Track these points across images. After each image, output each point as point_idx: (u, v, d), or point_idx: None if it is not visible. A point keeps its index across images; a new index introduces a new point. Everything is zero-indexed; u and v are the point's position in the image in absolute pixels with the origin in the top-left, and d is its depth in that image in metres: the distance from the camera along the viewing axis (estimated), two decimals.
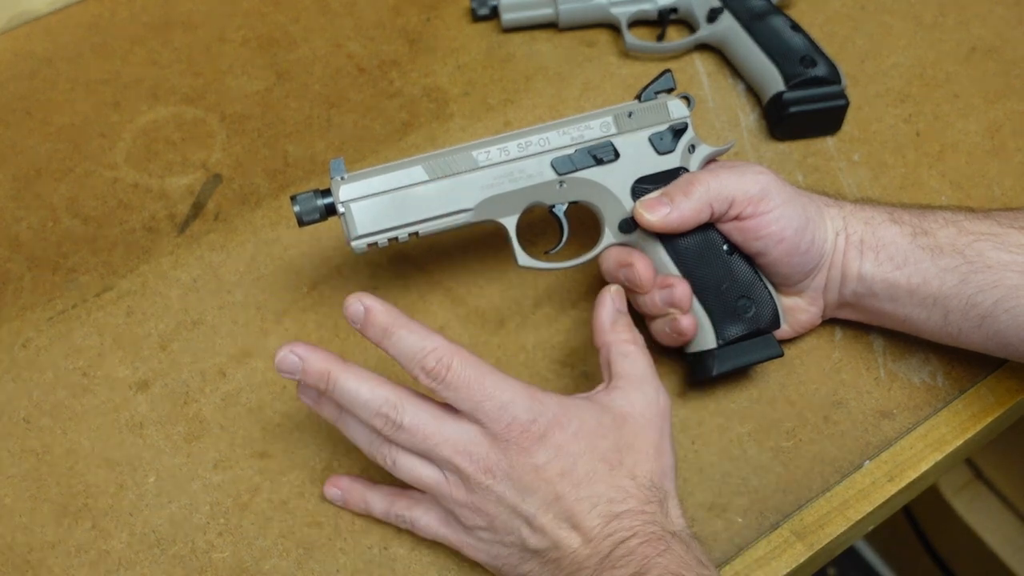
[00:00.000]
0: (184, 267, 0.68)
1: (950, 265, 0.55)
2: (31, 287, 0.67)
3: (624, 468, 0.50)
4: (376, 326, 0.50)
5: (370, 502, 0.56)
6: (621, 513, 0.48)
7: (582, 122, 0.58)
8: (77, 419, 0.61)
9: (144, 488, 0.59)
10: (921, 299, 0.56)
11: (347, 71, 0.78)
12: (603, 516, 0.48)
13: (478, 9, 0.80)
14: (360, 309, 0.50)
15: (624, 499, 0.49)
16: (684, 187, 0.56)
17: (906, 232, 0.57)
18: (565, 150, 0.58)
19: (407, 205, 0.56)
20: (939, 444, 0.60)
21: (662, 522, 0.49)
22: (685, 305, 0.56)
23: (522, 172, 0.57)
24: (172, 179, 0.73)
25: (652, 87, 0.60)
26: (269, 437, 0.60)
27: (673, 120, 0.59)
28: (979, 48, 0.78)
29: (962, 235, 0.56)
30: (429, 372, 0.49)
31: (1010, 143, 0.72)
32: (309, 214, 0.57)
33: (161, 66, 0.79)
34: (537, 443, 0.49)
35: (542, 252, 0.61)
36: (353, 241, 0.56)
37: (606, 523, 0.48)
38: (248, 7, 0.83)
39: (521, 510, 0.49)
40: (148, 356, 0.64)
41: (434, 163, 0.57)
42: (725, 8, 0.76)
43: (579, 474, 0.49)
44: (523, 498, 0.49)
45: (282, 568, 0.56)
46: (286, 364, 0.51)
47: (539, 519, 0.49)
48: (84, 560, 0.56)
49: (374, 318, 0.50)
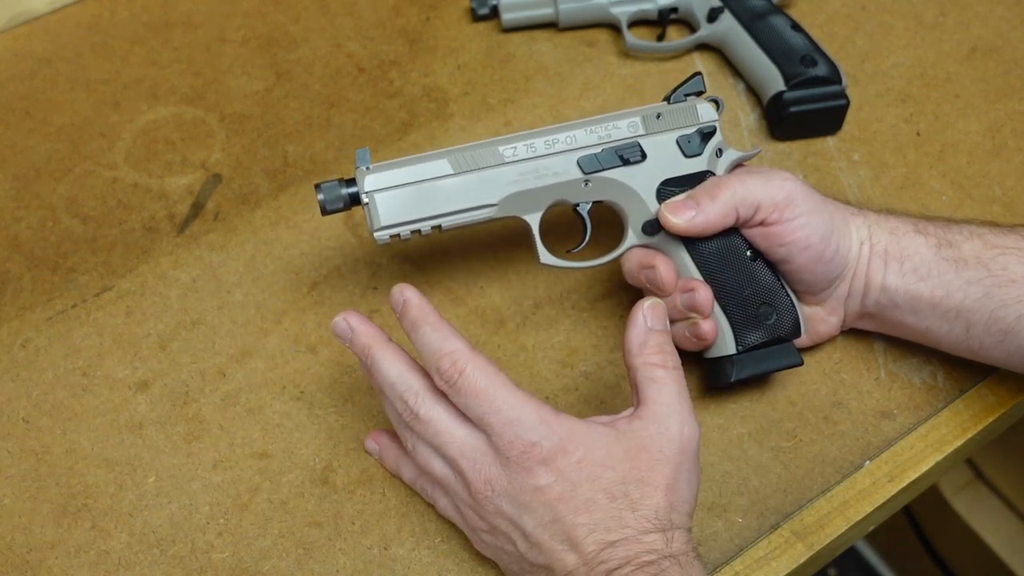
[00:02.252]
0: (184, 267, 0.68)
1: (974, 278, 0.55)
2: (30, 287, 0.67)
3: (627, 500, 0.49)
4: (408, 318, 0.52)
5: (401, 467, 0.57)
6: (616, 542, 0.48)
7: (609, 121, 0.58)
8: (77, 419, 0.61)
9: (144, 488, 0.59)
10: (943, 312, 0.56)
11: (347, 71, 0.78)
12: (598, 543, 0.48)
13: (478, 9, 0.80)
14: (400, 299, 0.52)
15: (620, 528, 0.48)
16: (710, 191, 0.56)
17: (931, 243, 0.56)
18: (592, 149, 0.57)
19: (431, 198, 0.56)
20: (940, 444, 0.60)
21: (660, 549, 0.48)
22: (706, 310, 0.56)
23: (548, 169, 0.57)
24: (172, 179, 0.73)
25: (682, 89, 0.59)
26: (269, 437, 0.60)
27: (702, 123, 0.58)
28: (980, 48, 0.78)
29: (987, 248, 0.55)
30: (442, 373, 0.49)
31: (1011, 143, 0.72)
32: (333, 203, 0.57)
33: (161, 66, 0.79)
34: (539, 465, 0.48)
35: (563, 251, 0.61)
36: (376, 232, 0.56)
37: (600, 549, 0.48)
38: (248, 7, 0.83)
39: (519, 524, 0.49)
40: (148, 356, 0.64)
41: (460, 157, 0.56)
42: (725, 8, 0.75)
43: (577, 501, 0.48)
44: (521, 515, 0.49)
45: (282, 568, 0.56)
46: (338, 330, 0.54)
47: (536, 536, 0.49)
48: (84, 560, 0.56)
49: (408, 310, 0.52)
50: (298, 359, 0.63)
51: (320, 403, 0.62)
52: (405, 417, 0.52)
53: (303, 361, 0.63)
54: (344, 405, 0.62)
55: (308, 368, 0.63)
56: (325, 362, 0.63)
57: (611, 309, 0.65)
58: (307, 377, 0.63)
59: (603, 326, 0.64)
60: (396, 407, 0.52)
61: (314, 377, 0.63)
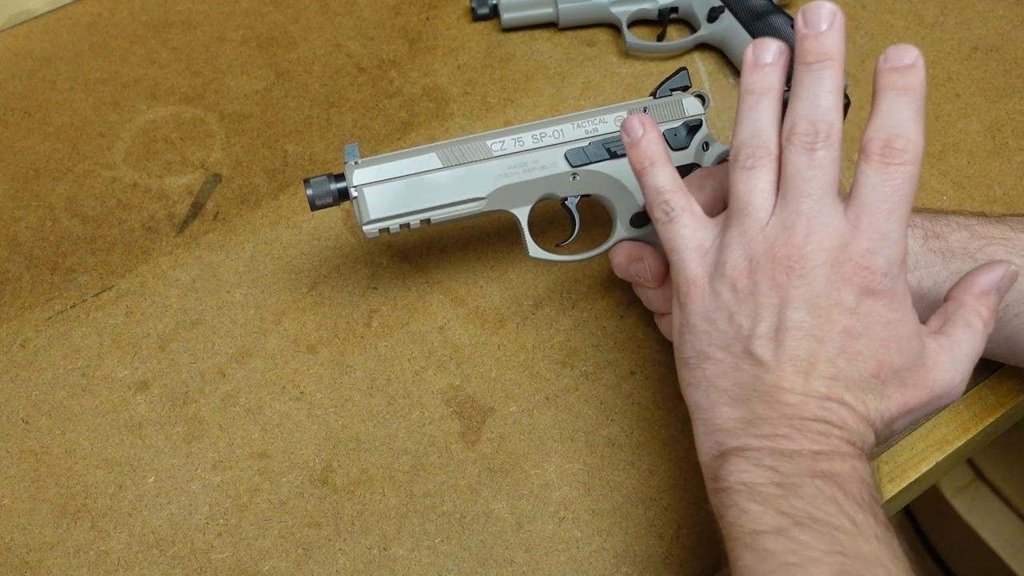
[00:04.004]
0: (183, 267, 0.68)
1: (961, 269, 0.55)
2: (30, 287, 0.67)
3: (881, 388, 0.46)
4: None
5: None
6: (845, 402, 0.45)
7: (596, 116, 0.58)
8: (76, 419, 0.61)
9: (143, 488, 0.58)
10: (932, 303, 0.56)
11: (347, 71, 0.78)
12: (827, 393, 0.45)
13: (478, 8, 0.80)
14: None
15: (855, 400, 0.45)
16: (698, 182, 0.56)
17: (917, 235, 0.56)
18: (579, 143, 0.58)
19: (420, 192, 0.57)
20: (940, 444, 0.60)
21: (864, 446, 0.45)
22: None
23: (536, 163, 0.58)
24: (171, 179, 0.72)
25: (667, 84, 0.60)
26: (269, 437, 0.60)
27: (688, 117, 0.59)
28: (980, 47, 0.78)
29: (974, 239, 0.55)
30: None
31: (1011, 143, 0.72)
32: (322, 198, 0.57)
33: (160, 66, 0.79)
34: (860, 289, 0.45)
35: (552, 245, 0.61)
36: (365, 226, 0.56)
37: (827, 397, 0.45)
38: (247, 6, 0.83)
39: (784, 312, 0.46)
40: (147, 356, 0.64)
41: (448, 151, 0.57)
42: (725, 7, 0.75)
43: (851, 348, 0.45)
44: (797, 308, 0.46)
45: (282, 569, 0.56)
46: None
47: (787, 333, 0.46)
48: (83, 561, 0.56)
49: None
50: (298, 359, 0.63)
51: (320, 403, 0.62)
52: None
53: (303, 361, 0.63)
54: (344, 405, 0.61)
55: (308, 368, 0.63)
56: (325, 362, 0.63)
57: (611, 309, 0.65)
58: (307, 377, 0.63)
59: (603, 326, 0.64)
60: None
61: (314, 377, 0.63)
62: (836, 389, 0.46)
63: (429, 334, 0.64)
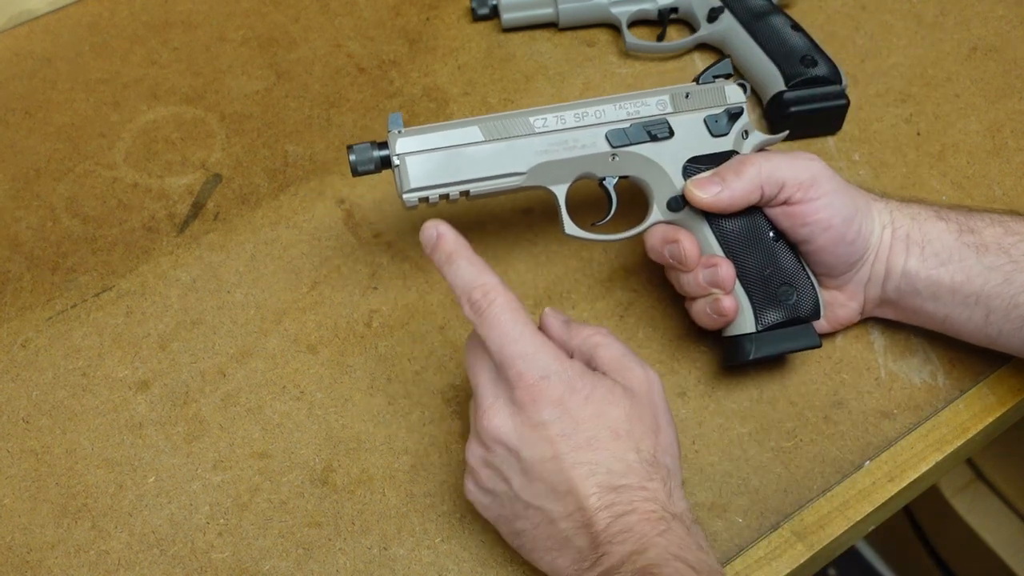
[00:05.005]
0: (183, 267, 0.68)
1: (995, 263, 0.55)
2: (30, 287, 0.67)
3: (631, 440, 0.49)
4: (442, 251, 0.52)
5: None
6: (620, 486, 0.48)
7: (639, 98, 0.59)
8: (77, 419, 0.61)
9: (144, 488, 0.59)
10: (963, 298, 0.56)
11: (347, 71, 0.78)
12: (601, 486, 0.48)
13: (478, 9, 0.80)
14: (434, 234, 0.52)
15: (625, 472, 0.48)
16: (736, 167, 0.56)
17: (952, 229, 0.57)
18: (620, 124, 0.58)
19: (461, 163, 0.57)
20: (940, 444, 0.60)
21: (663, 502, 0.48)
22: (728, 285, 0.56)
23: (576, 141, 0.58)
24: (171, 179, 0.72)
25: (711, 70, 0.60)
26: (269, 437, 0.60)
27: (729, 104, 0.60)
28: (980, 48, 0.78)
29: (1008, 235, 0.56)
30: (473, 303, 0.50)
31: (1011, 143, 0.72)
32: (364, 164, 0.58)
33: (161, 66, 0.79)
34: (544, 400, 0.49)
35: (588, 224, 0.61)
36: (405, 194, 0.57)
37: (603, 493, 0.48)
38: (248, 7, 0.83)
39: (520, 456, 0.49)
40: (148, 356, 0.64)
41: (491, 125, 0.57)
42: (725, 8, 0.75)
43: (580, 438, 0.48)
44: (521, 447, 0.49)
45: (282, 568, 0.56)
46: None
47: (533, 471, 0.49)
48: (84, 560, 0.56)
49: (443, 244, 0.52)
50: (298, 359, 0.63)
51: (320, 403, 0.62)
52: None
53: (303, 361, 0.63)
54: (344, 405, 0.62)
55: (308, 368, 0.63)
56: (325, 362, 0.63)
57: (611, 309, 0.65)
58: (307, 377, 0.63)
59: (603, 326, 0.64)
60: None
61: (314, 377, 0.63)
62: (601, 480, 0.48)
63: (429, 334, 0.64)
